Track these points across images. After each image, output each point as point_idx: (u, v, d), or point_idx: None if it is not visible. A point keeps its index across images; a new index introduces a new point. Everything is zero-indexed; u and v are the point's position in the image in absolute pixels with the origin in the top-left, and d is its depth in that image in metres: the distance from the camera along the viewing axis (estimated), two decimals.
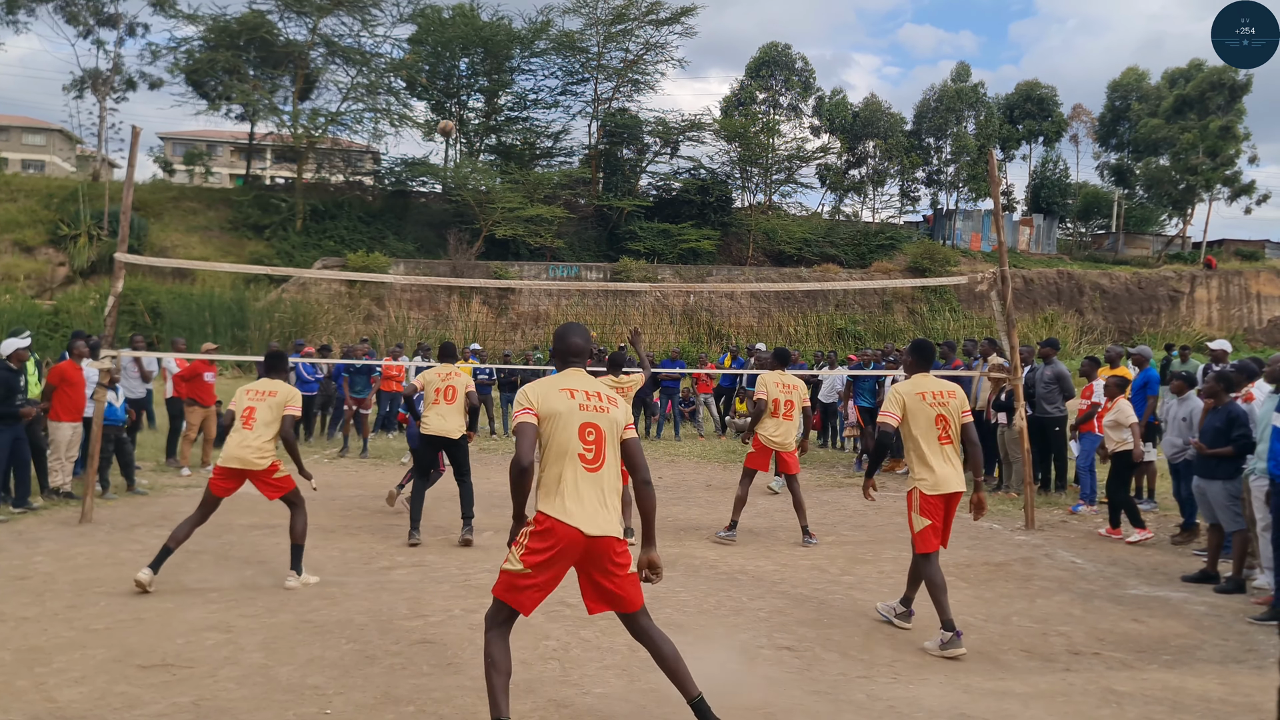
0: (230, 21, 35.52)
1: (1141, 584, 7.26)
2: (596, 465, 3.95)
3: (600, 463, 3.96)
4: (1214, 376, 7.71)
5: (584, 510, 3.87)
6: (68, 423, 9.70)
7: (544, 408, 3.95)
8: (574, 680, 4.88)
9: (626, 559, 3.99)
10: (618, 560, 3.95)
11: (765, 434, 8.48)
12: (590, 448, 3.95)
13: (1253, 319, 40.50)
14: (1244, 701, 4.77)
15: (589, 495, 3.90)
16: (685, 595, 6.62)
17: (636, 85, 41.84)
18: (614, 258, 35.69)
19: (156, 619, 5.77)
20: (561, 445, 3.92)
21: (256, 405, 6.71)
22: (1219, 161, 43.88)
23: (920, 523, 5.65)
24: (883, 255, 39.64)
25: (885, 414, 5.74)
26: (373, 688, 4.73)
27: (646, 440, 16.89)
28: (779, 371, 8.73)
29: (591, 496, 3.90)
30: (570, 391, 4.00)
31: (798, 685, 4.91)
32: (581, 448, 3.94)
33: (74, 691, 4.58)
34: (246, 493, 10.51)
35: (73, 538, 8.02)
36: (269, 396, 6.73)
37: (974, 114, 46.32)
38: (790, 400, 8.54)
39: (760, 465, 8.58)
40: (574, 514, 3.85)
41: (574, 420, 3.95)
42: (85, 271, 31.02)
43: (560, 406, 3.95)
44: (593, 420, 3.98)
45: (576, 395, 4.00)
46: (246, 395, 6.80)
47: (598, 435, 3.97)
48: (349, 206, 37.29)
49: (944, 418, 5.69)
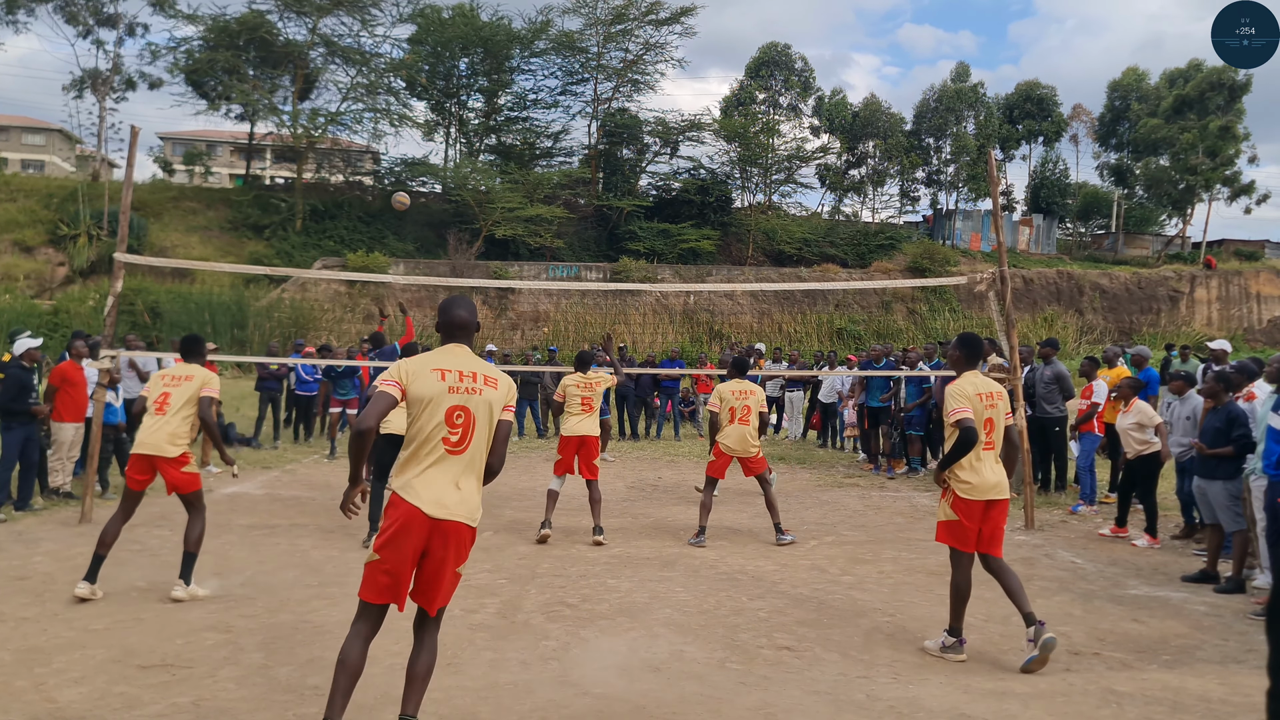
0: (230, 21, 35.54)
1: (1141, 584, 7.26)
2: (460, 448, 3.80)
3: (464, 445, 3.81)
4: (1213, 376, 7.70)
5: (431, 492, 3.72)
6: (70, 423, 9.70)
7: (412, 387, 3.82)
8: (574, 680, 4.88)
9: (465, 555, 3.84)
10: (462, 553, 3.80)
11: (725, 442, 8.57)
12: (456, 430, 3.80)
13: (1252, 319, 40.51)
14: (1244, 701, 4.77)
15: (441, 478, 3.75)
16: (685, 595, 6.61)
17: (636, 85, 41.92)
18: (614, 258, 35.70)
19: (156, 619, 5.76)
20: (426, 427, 3.78)
21: (171, 391, 6.46)
22: (1219, 161, 43.91)
23: (947, 513, 5.44)
24: (883, 255, 39.67)
25: (959, 410, 5.36)
26: (373, 688, 4.72)
27: (647, 440, 16.89)
28: (735, 380, 8.79)
29: (444, 479, 3.75)
30: (442, 372, 3.84)
31: (797, 685, 4.90)
32: (446, 431, 3.79)
33: (74, 692, 4.58)
34: (247, 493, 10.53)
35: (73, 538, 8.02)
36: (184, 382, 6.48)
37: (974, 114, 46.35)
38: (747, 405, 8.63)
39: (719, 473, 8.64)
40: (420, 494, 3.71)
41: (442, 404, 3.80)
42: (85, 271, 31.03)
43: (428, 390, 3.80)
44: (463, 403, 3.82)
45: (448, 376, 3.84)
46: (161, 381, 6.57)
47: (466, 418, 3.82)
48: (349, 206, 37.30)
49: (991, 421, 5.47)
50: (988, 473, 5.40)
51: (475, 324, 4.09)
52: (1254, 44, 8.00)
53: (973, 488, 5.37)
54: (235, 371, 24.93)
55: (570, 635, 5.63)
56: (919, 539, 8.82)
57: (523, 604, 6.30)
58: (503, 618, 5.98)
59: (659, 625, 5.87)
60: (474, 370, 3.91)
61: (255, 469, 12.17)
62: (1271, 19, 7.93)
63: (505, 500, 10.45)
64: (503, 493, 10.96)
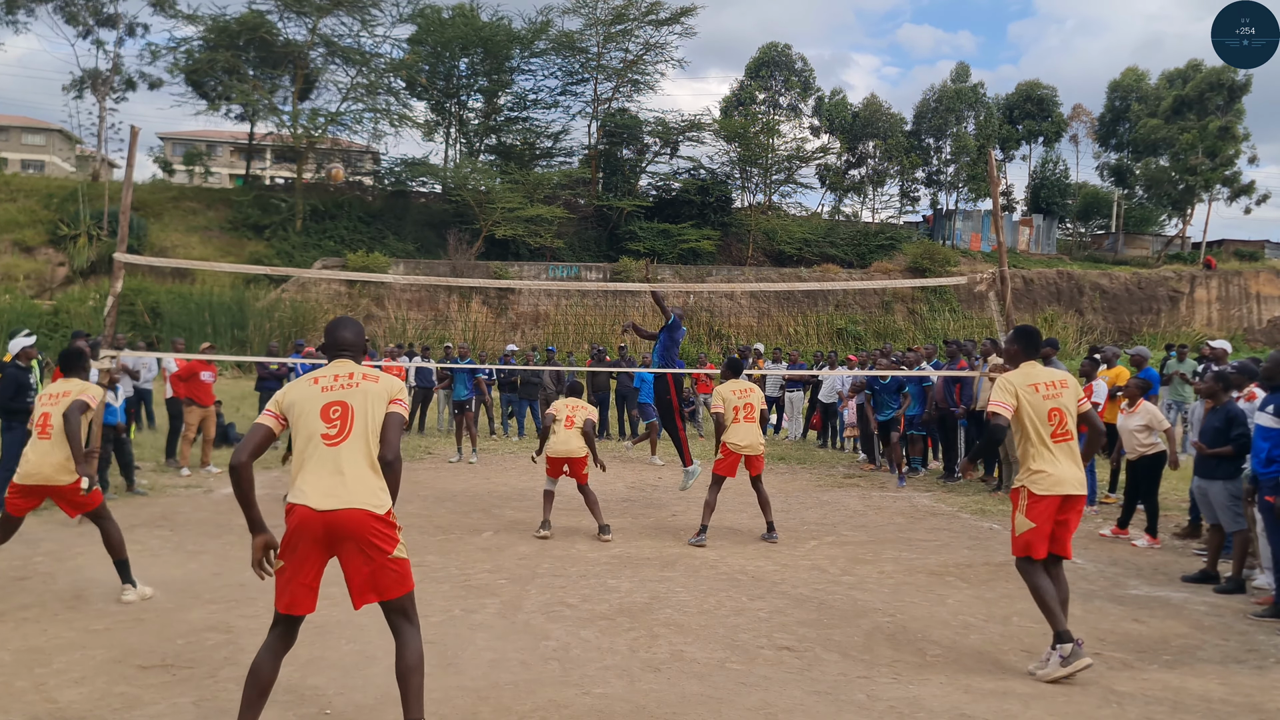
0: (230, 21, 35.54)
1: (1142, 584, 7.26)
2: (337, 440, 3.72)
3: (342, 436, 3.73)
4: (1213, 376, 7.70)
5: (316, 487, 3.65)
6: None
7: (286, 401, 3.82)
8: (574, 680, 4.88)
9: (388, 541, 3.71)
10: (375, 541, 3.68)
11: (732, 441, 8.59)
12: (333, 424, 3.74)
13: (1252, 319, 40.50)
14: (1244, 701, 4.77)
15: (322, 470, 3.68)
16: (685, 595, 6.61)
17: (636, 85, 41.93)
18: (614, 258, 35.71)
19: (156, 619, 5.76)
20: (303, 429, 3.76)
21: (50, 411, 5.99)
22: (1218, 162, 43.92)
23: (1023, 524, 5.10)
24: (883, 255, 39.68)
25: (996, 403, 5.10)
26: (373, 688, 4.73)
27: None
28: (732, 380, 8.85)
29: (325, 471, 3.68)
30: (316, 379, 3.86)
31: (798, 685, 4.90)
32: (324, 427, 3.74)
33: (74, 692, 4.57)
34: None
35: (73, 538, 8.01)
36: (61, 399, 6.01)
37: (974, 114, 46.35)
38: (750, 403, 8.69)
39: (729, 471, 8.61)
40: (305, 493, 3.64)
41: (315, 404, 3.78)
42: (85, 271, 31.03)
43: (301, 395, 3.80)
44: (338, 399, 3.79)
45: (322, 380, 3.85)
46: (42, 401, 6.08)
47: (343, 411, 3.76)
48: (349, 206, 37.31)
49: (1059, 411, 5.14)
50: (1064, 465, 5.09)
51: (362, 345, 4.10)
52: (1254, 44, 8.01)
53: (1047, 478, 5.05)
54: (235, 372, 24.93)
55: (570, 635, 5.62)
56: (920, 539, 8.83)
57: (523, 604, 6.29)
58: (503, 618, 5.98)
59: (659, 625, 5.87)
60: (350, 372, 3.90)
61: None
62: (1271, 19, 7.94)
63: (505, 500, 10.45)
64: (503, 493, 10.96)
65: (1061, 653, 4.89)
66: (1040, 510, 5.08)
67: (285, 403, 3.83)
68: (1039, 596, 5.06)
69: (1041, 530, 5.08)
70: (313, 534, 3.64)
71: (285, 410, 3.82)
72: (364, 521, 3.66)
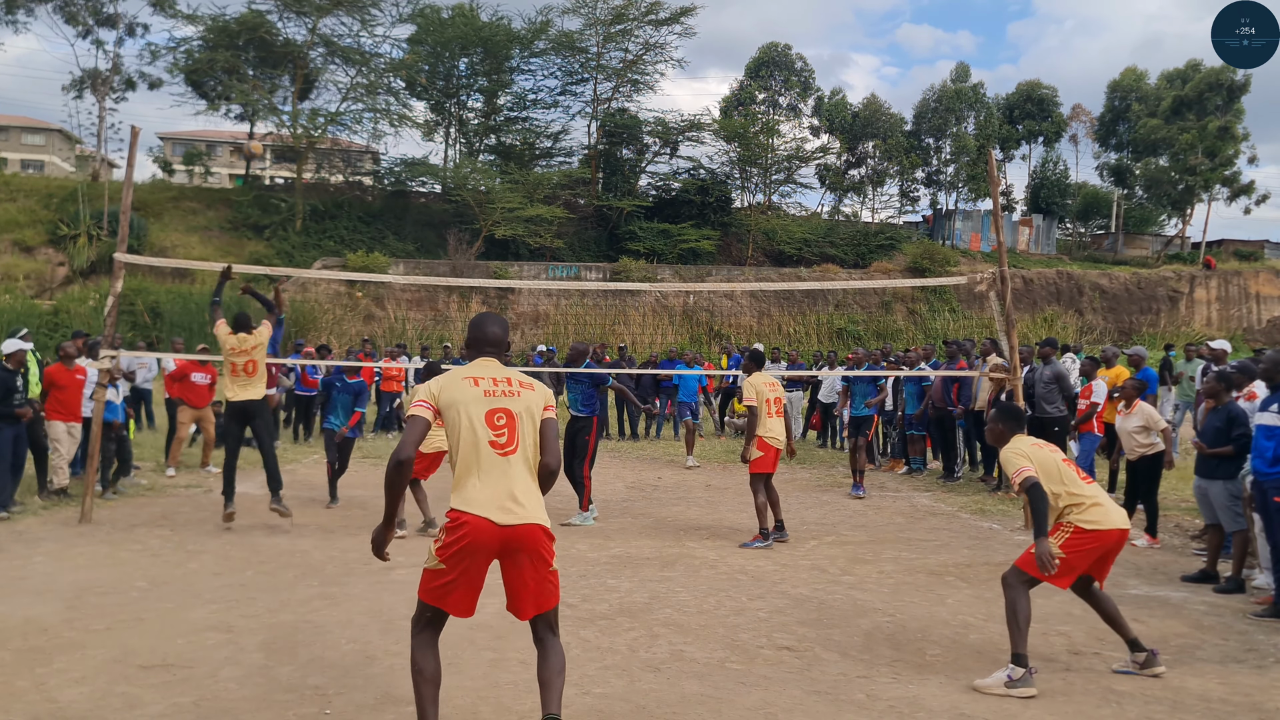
0: (229, 22, 35.52)
1: (1141, 584, 7.27)
2: (508, 449, 3.69)
3: (512, 446, 3.70)
4: (1214, 375, 7.70)
5: (492, 499, 3.61)
6: (60, 422, 9.73)
7: (444, 398, 3.74)
8: (574, 680, 4.88)
9: (551, 554, 3.74)
10: (544, 554, 3.70)
11: (770, 434, 8.49)
12: (501, 432, 3.69)
13: (1252, 319, 40.50)
14: (1244, 701, 4.78)
15: (499, 484, 3.64)
16: (685, 595, 6.62)
17: (636, 85, 41.88)
18: (614, 258, 35.70)
19: (157, 619, 5.77)
20: (468, 434, 3.68)
21: None
22: (1218, 162, 43.92)
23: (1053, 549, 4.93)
24: (882, 255, 39.66)
25: (1021, 471, 5.00)
26: (373, 688, 4.73)
27: (646, 440, 16.89)
28: (759, 373, 8.80)
29: (502, 485, 3.64)
30: (474, 379, 3.78)
31: (798, 685, 4.91)
32: (491, 434, 3.68)
33: (74, 692, 4.58)
34: (246, 493, 10.53)
35: (73, 538, 8.02)
36: None
37: (974, 114, 46.34)
38: (778, 397, 8.67)
39: (770, 467, 8.46)
40: (483, 504, 3.61)
41: (480, 406, 3.71)
42: (85, 271, 31.02)
43: (462, 395, 3.73)
44: (502, 405, 3.74)
45: (482, 382, 3.77)
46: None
47: (509, 419, 3.72)
48: (349, 206, 37.30)
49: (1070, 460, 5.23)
50: (1109, 504, 5.08)
51: (507, 342, 4.05)
52: (1254, 44, 8.01)
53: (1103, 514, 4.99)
54: None
55: (570, 635, 5.62)
56: (919, 539, 8.83)
57: None
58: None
59: (659, 625, 5.88)
60: (507, 376, 3.86)
61: (255, 469, 12.16)
62: (1271, 19, 7.95)
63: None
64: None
65: (1013, 675, 4.81)
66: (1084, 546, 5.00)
67: (443, 399, 3.75)
68: (1012, 614, 4.97)
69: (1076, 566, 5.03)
70: (488, 547, 3.63)
71: (442, 407, 3.75)
72: (538, 536, 3.68)
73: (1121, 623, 5.15)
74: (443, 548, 3.64)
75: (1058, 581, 5.02)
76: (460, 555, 3.62)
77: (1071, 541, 4.98)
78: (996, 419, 5.44)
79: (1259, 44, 8.04)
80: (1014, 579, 5.06)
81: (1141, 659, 5.08)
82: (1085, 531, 4.96)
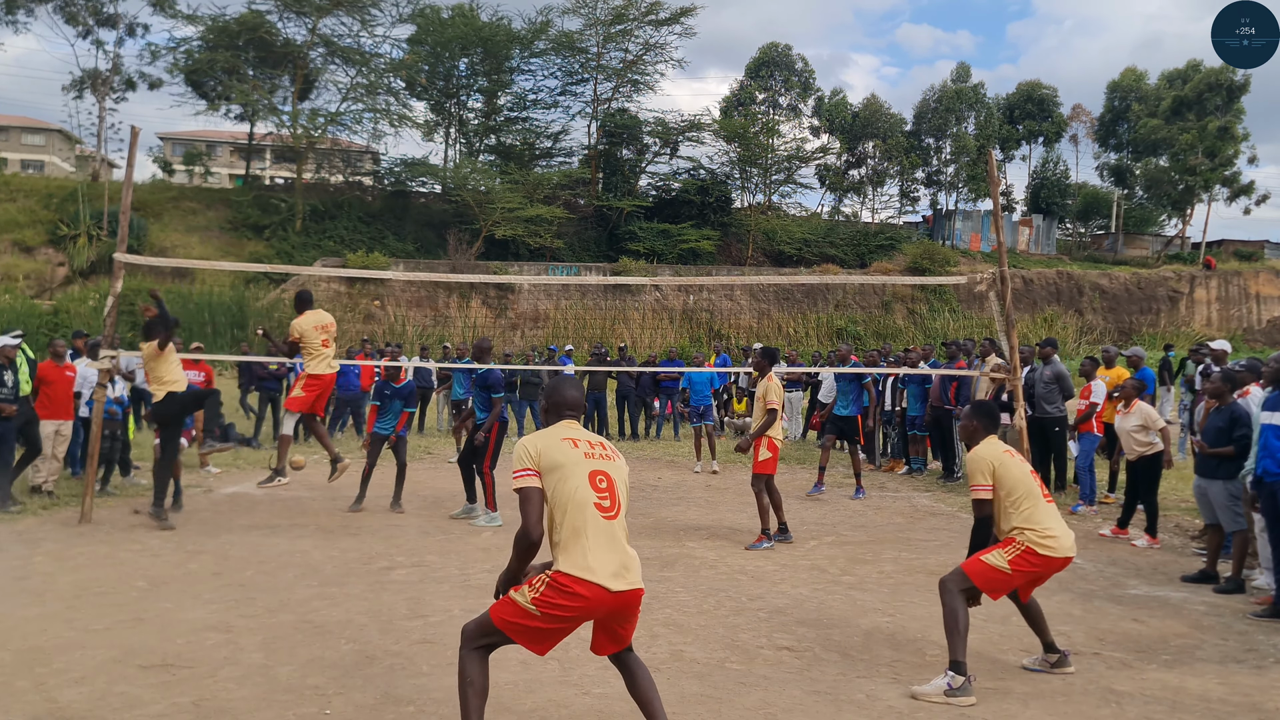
0: (229, 22, 35.51)
1: (1141, 584, 7.27)
2: (611, 513, 3.75)
3: (615, 510, 3.77)
4: (1219, 375, 7.70)
5: (606, 566, 3.66)
6: (48, 420, 9.74)
7: (545, 461, 3.77)
8: (574, 680, 4.88)
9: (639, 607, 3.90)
10: (638, 610, 3.88)
11: (778, 436, 8.56)
12: (604, 495, 3.75)
13: (1252, 319, 40.51)
14: (1244, 701, 4.78)
15: (606, 547, 3.68)
16: (685, 595, 6.62)
17: (636, 85, 41.88)
18: (614, 258, 35.71)
19: (156, 619, 5.76)
20: (575, 496, 3.71)
21: None
22: (1218, 162, 43.91)
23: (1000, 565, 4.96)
24: (882, 256, 39.67)
25: (977, 488, 5.04)
26: (373, 688, 4.73)
27: (646, 440, 16.89)
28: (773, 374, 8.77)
29: (608, 548, 3.69)
30: (573, 441, 3.84)
31: (798, 685, 4.91)
32: (595, 496, 3.73)
33: (74, 692, 4.58)
34: (247, 493, 10.53)
35: (73, 538, 8.02)
36: None
37: (974, 114, 46.34)
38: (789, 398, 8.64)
39: (773, 469, 8.48)
40: (598, 571, 3.64)
41: (583, 469, 3.76)
42: (85, 271, 31.01)
43: (564, 456, 3.77)
44: (602, 469, 3.81)
45: (580, 445, 3.84)
46: None
47: (609, 483, 3.79)
48: (349, 206, 37.29)
49: (1036, 473, 5.22)
50: (1063, 527, 5.05)
51: (584, 405, 4.15)
52: (1254, 44, 8.01)
53: (1057, 543, 4.96)
54: (235, 372, 24.90)
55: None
56: (919, 539, 8.83)
57: None
58: None
59: (659, 625, 5.88)
60: (601, 441, 3.97)
61: (256, 469, 12.16)
62: (1271, 19, 7.95)
63: (505, 500, 10.44)
64: (503, 493, 10.95)
65: (952, 683, 4.73)
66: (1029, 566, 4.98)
67: (544, 462, 3.77)
68: (952, 620, 4.90)
69: (1017, 583, 5.05)
70: (595, 613, 3.74)
71: (545, 469, 3.77)
72: (639, 598, 3.82)
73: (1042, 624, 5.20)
74: (546, 605, 3.68)
75: (992, 594, 5.05)
76: (566, 618, 3.73)
77: (1020, 559, 4.95)
78: (971, 415, 5.37)
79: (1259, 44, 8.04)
80: (954, 585, 4.99)
81: (1054, 659, 5.17)
82: (1036, 555, 4.94)
